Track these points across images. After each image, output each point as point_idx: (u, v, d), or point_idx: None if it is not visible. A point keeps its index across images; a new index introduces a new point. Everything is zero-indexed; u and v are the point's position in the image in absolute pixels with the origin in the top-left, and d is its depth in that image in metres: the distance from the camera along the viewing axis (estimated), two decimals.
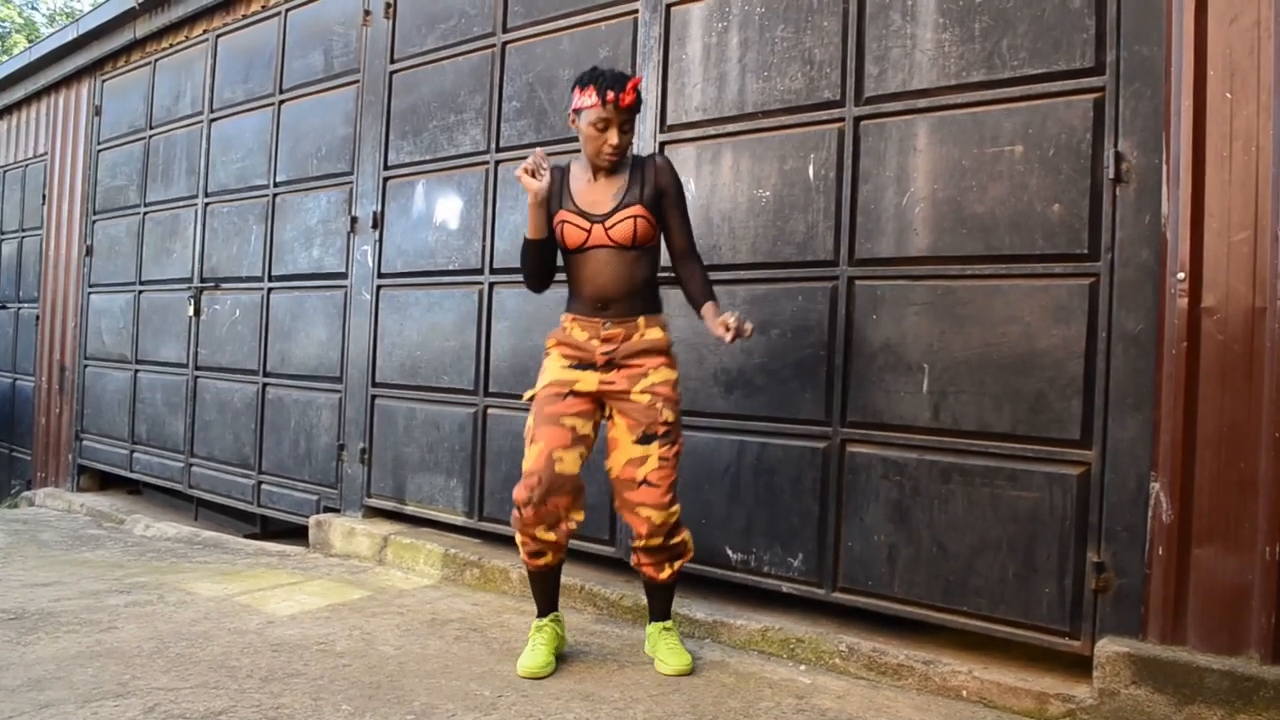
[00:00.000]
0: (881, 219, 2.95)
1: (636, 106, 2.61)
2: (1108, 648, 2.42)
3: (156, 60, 6.30)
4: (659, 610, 2.83)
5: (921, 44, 2.90)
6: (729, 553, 3.22)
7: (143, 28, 6.26)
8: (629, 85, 2.57)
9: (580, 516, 2.68)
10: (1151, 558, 2.43)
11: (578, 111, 2.63)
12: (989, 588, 2.69)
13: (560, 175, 2.71)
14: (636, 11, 3.60)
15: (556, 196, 2.69)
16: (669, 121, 3.49)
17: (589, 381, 2.66)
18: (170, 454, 5.90)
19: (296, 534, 4.90)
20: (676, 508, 2.65)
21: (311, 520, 4.67)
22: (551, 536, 2.64)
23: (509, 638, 3.03)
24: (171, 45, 6.15)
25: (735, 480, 3.23)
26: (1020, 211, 2.69)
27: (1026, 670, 2.61)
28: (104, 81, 6.84)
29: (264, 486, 5.16)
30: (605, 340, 2.65)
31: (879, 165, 2.97)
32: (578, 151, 2.72)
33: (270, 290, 5.21)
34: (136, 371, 6.26)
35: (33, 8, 21.44)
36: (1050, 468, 2.62)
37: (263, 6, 5.41)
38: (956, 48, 2.82)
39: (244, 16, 5.55)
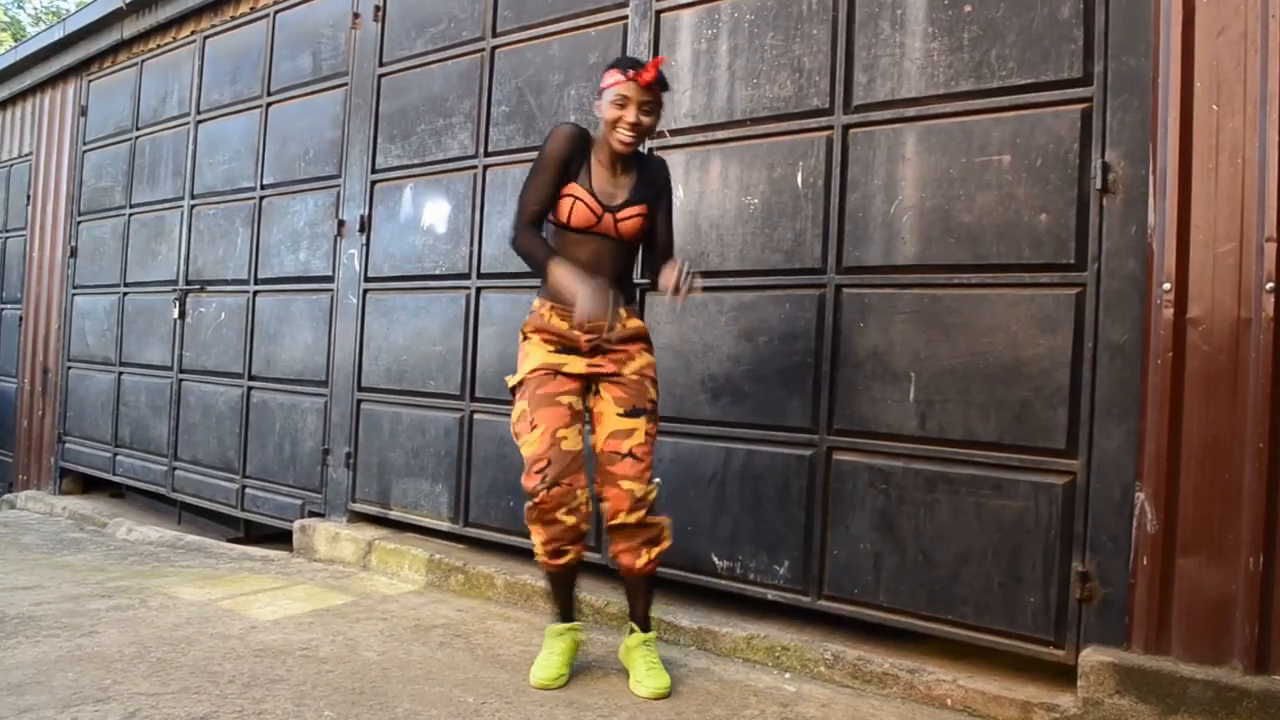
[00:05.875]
0: (869, 227, 2.96)
1: (658, 87, 2.58)
2: (1092, 657, 2.42)
3: (144, 61, 6.26)
4: (639, 613, 2.71)
5: (910, 53, 2.91)
6: (715, 560, 3.21)
7: (130, 28, 6.23)
8: (650, 64, 2.57)
9: (588, 496, 2.61)
10: (1136, 567, 2.44)
11: (602, 94, 2.61)
12: (974, 596, 2.69)
13: (584, 144, 2.64)
14: (626, 17, 3.60)
15: (577, 165, 2.63)
16: (658, 127, 3.48)
17: (576, 365, 2.64)
18: (154, 457, 5.86)
19: (281, 538, 4.87)
20: (654, 487, 2.65)
21: (296, 525, 4.64)
22: (572, 520, 2.55)
23: (493, 644, 3.02)
24: (159, 46, 6.12)
25: (721, 487, 3.22)
26: (1007, 221, 2.70)
27: (1011, 679, 2.61)
28: (90, 82, 6.80)
29: (248, 491, 5.13)
30: (589, 331, 2.62)
31: (867, 173, 2.97)
32: None
33: (256, 293, 5.18)
34: (120, 374, 6.21)
35: (19, 7, 21.31)
36: (1036, 477, 2.62)
37: (251, 8, 5.38)
38: (945, 57, 2.83)
39: (232, 18, 5.53)
